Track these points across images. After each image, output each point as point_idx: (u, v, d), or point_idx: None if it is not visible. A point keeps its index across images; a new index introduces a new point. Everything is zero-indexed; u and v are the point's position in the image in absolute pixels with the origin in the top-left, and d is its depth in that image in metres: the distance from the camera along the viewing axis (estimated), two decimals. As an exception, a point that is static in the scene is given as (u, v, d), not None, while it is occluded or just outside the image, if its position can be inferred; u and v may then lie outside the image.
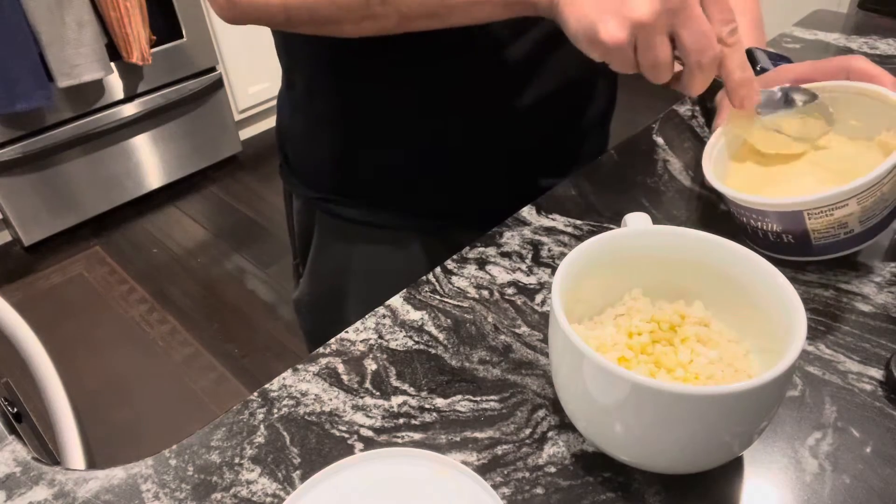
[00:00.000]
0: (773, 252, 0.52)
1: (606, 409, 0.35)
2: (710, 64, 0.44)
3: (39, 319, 0.81)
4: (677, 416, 0.33)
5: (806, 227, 0.48)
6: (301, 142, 0.73)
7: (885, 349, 0.46)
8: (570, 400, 0.38)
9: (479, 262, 0.55)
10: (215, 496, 0.39)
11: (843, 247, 0.49)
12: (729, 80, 0.46)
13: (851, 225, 0.48)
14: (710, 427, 0.33)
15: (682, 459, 0.36)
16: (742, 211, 0.51)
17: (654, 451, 0.36)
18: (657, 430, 0.34)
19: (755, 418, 0.34)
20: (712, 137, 0.55)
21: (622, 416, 0.35)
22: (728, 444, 0.35)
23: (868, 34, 0.90)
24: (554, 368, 0.39)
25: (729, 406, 0.32)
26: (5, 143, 1.92)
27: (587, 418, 0.38)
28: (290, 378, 0.46)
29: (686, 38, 0.43)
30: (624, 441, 0.36)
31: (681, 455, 0.36)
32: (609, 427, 0.36)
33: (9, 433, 0.43)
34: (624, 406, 0.34)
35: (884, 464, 0.39)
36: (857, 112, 0.52)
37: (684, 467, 0.37)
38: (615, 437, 0.36)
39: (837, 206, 0.47)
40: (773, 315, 0.37)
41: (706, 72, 0.45)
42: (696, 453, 0.35)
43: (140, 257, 2.11)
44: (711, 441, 0.34)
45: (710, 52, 0.43)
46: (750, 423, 0.34)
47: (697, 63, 0.44)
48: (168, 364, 1.73)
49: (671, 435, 0.34)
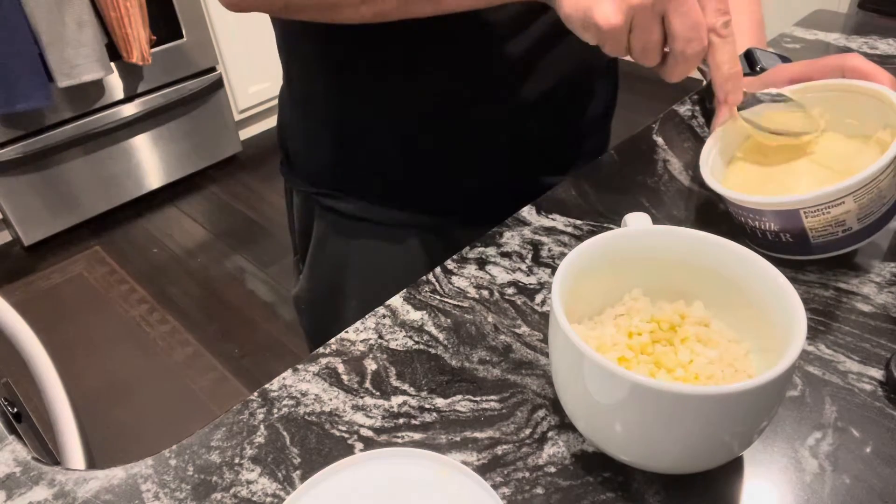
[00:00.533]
0: (772, 251, 0.52)
1: (606, 408, 0.35)
2: (695, 55, 0.45)
3: (39, 319, 0.81)
4: (677, 416, 0.33)
5: (803, 225, 0.48)
6: (300, 137, 0.73)
7: (885, 349, 0.46)
8: (570, 400, 0.38)
9: (479, 262, 0.55)
10: (215, 496, 0.39)
11: (843, 245, 0.49)
12: (717, 73, 0.47)
13: (849, 223, 0.48)
14: (710, 427, 0.33)
15: (682, 459, 0.36)
16: (740, 211, 0.51)
17: (654, 452, 0.36)
18: (657, 430, 0.34)
19: (755, 418, 0.34)
20: (710, 139, 0.55)
21: (622, 416, 0.35)
22: (728, 444, 0.35)
23: (868, 34, 0.90)
24: (554, 368, 0.39)
25: (729, 406, 0.32)
26: (5, 143, 1.92)
27: (587, 418, 0.38)
28: (290, 378, 0.46)
29: (677, 25, 0.43)
30: (624, 441, 0.36)
31: (681, 455, 0.36)
32: (609, 427, 0.36)
33: (9, 433, 0.43)
34: (624, 406, 0.34)
35: (884, 464, 0.39)
36: (853, 110, 0.52)
37: (684, 467, 0.37)
38: (615, 437, 0.36)
39: (834, 204, 0.47)
40: (773, 315, 0.37)
41: (689, 62, 0.45)
42: (696, 453, 0.35)
43: (140, 257, 2.11)
44: (711, 441, 0.34)
45: (697, 43, 0.44)
46: (750, 423, 0.34)
47: (682, 52, 0.44)
48: (168, 364, 1.73)
49: (671, 435, 0.34)
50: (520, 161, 0.70)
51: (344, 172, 0.70)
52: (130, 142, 2.19)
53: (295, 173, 0.74)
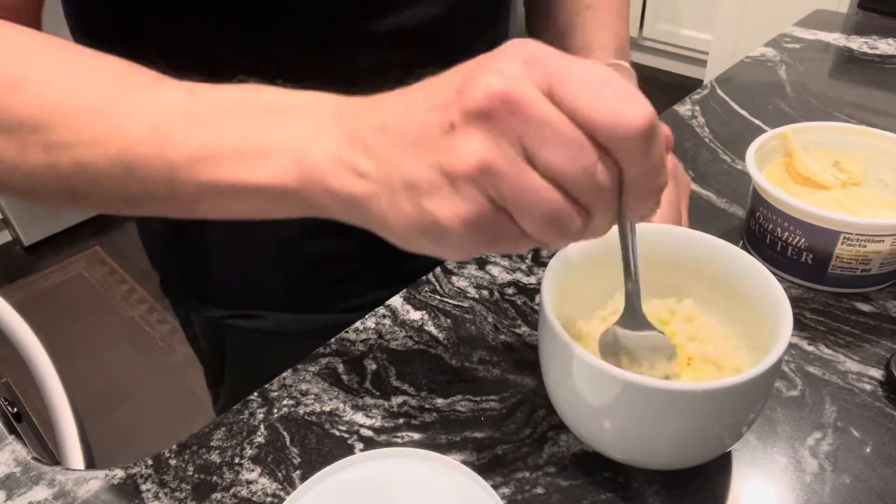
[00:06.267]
0: (781, 269, 0.52)
1: (597, 407, 0.35)
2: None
3: (39, 319, 0.81)
4: (668, 412, 0.33)
5: (833, 250, 0.48)
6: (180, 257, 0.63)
7: (885, 349, 0.46)
8: (561, 398, 0.38)
9: (479, 262, 0.55)
10: (215, 496, 0.39)
11: (854, 283, 0.50)
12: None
13: (873, 264, 0.48)
14: (700, 422, 0.34)
15: (674, 455, 0.36)
16: (775, 216, 0.51)
17: (645, 448, 0.36)
18: (648, 427, 0.34)
19: (744, 412, 0.35)
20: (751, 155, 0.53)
21: (613, 413, 0.35)
22: (719, 437, 0.35)
23: (868, 34, 0.90)
24: (544, 368, 0.39)
25: (718, 401, 0.33)
26: (5, 143, 1.92)
27: (578, 416, 0.38)
28: (290, 378, 0.46)
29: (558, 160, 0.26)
30: (615, 438, 0.36)
31: (673, 451, 0.36)
32: (600, 425, 0.36)
33: (9, 433, 0.43)
34: (613, 404, 0.34)
35: (884, 464, 0.39)
36: (887, 167, 0.55)
37: (676, 462, 0.38)
38: (606, 435, 0.37)
39: (874, 239, 0.47)
40: (761, 312, 0.38)
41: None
42: (687, 448, 0.36)
43: (140, 257, 2.09)
44: (703, 435, 0.35)
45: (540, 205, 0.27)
46: (739, 417, 0.35)
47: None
48: (168, 364, 1.73)
49: (662, 431, 0.34)
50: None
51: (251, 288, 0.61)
52: (130, 142, 2.19)
53: (185, 294, 0.65)
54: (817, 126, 0.57)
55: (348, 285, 0.61)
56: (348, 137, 0.29)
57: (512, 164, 0.25)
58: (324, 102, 0.31)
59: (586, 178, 0.26)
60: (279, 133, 0.30)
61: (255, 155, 0.30)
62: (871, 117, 0.72)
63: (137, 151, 0.31)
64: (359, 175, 0.28)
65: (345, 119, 0.29)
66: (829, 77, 0.82)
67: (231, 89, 0.32)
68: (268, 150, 0.30)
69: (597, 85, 0.25)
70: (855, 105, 0.75)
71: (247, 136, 0.30)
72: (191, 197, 0.32)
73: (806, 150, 0.56)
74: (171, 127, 0.31)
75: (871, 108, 0.74)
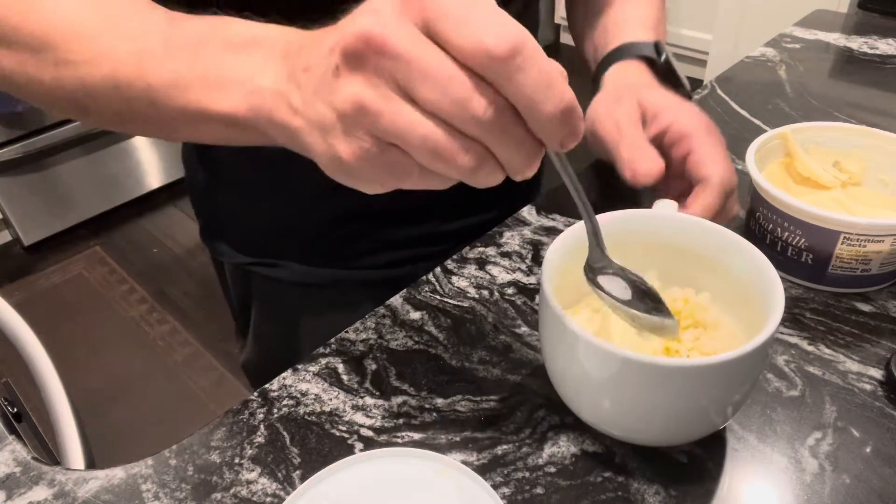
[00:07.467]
0: (781, 269, 0.51)
1: (596, 383, 0.36)
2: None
3: (39, 319, 0.81)
4: (663, 387, 0.34)
5: (833, 251, 0.48)
6: (217, 204, 0.68)
7: (885, 349, 0.46)
8: (560, 375, 0.39)
9: (479, 262, 0.55)
10: (215, 496, 0.39)
11: (854, 284, 0.50)
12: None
13: (873, 264, 0.48)
14: (690, 397, 0.35)
15: (667, 430, 0.37)
16: (775, 216, 0.51)
17: (641, 422, 0.37)
18: (644, 402, 0.35)
19: (731, 390, 0.35)
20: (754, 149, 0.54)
21: (611, 389, 0.36)
22: (706, 409, 0.36)
23: (868, 34, 0.90)
24: (544, 350, 0.40)
25: (709, 377, 0.34)
26: (5, 143, 1.92)
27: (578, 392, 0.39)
28: (290, 378, 0.46)
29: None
30: (613, 413, 0.37)
31: (665, 426, 0.37)
32: (598, 400, 0.37)
33: (9, 433, 0.43)
34: (611, 379, 0.35)
35: (884, 464, 0.39)
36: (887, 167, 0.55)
37: (669, 439, 0.39)
38: (604, 411, 0.38)
39: (874, 239, 0.47)
40: (757, 296, 0.39)
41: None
42: (680, 424, 0.37)
43: (140, 257, 2.11)
44: (693, 411, 0.36)
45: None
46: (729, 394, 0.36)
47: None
48: (168, 364, 1.73)
49: (658, 406, 0.35)
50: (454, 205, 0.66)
51: (273, 238, 0.65)
52: (130, 142, 2.19)
53: (218, 241, 0.69)
54: (817, 126, 0.57)
55: (363, 242, 0.65)
56: (287, 74, 0.31)
57: (387, 101, 0.26)
58: (277, 38, 0.33)
59: (460, 110, 0.26)
60: (236, 66, 0.33)
61: (216, 84, 0.33)
62: (871, 117, 0.72)
63: (123, 72, 0.36)
64: (293, 110, 0.30)
65: (289, 57, 0.31)
66: (829, 77, 0.82)
67: (204, 20, 0.35)
68: (227, 81, 0.33)
69: (465, 15, 0.25)
70: (855, 105, 0.75)
71: (210, 68, 0.33)
72: (170, 118, 0.36)
73: (806, 150, 0.56)
74: (151, 53, 0.35)
75: (871, 108, 0.74)
